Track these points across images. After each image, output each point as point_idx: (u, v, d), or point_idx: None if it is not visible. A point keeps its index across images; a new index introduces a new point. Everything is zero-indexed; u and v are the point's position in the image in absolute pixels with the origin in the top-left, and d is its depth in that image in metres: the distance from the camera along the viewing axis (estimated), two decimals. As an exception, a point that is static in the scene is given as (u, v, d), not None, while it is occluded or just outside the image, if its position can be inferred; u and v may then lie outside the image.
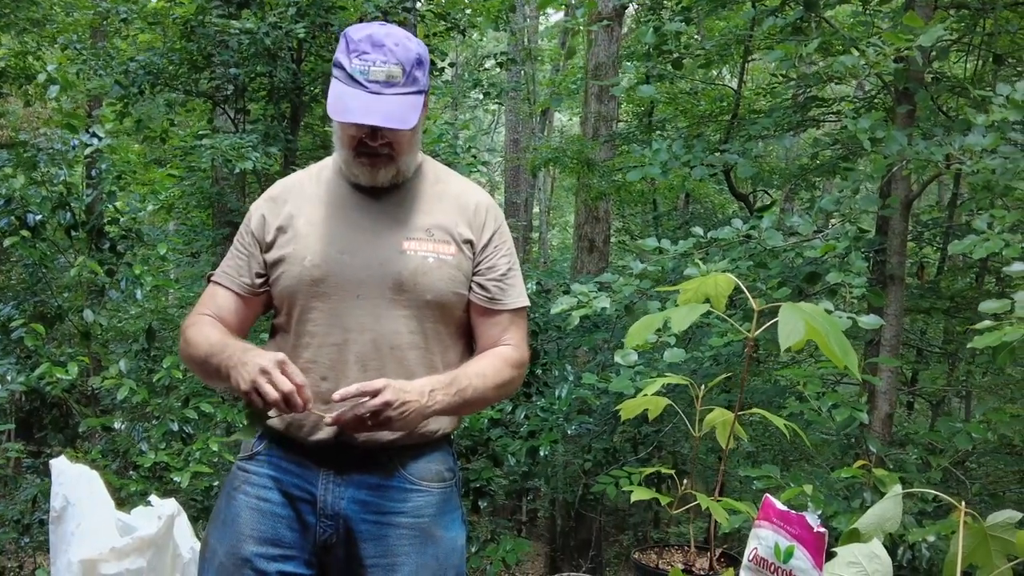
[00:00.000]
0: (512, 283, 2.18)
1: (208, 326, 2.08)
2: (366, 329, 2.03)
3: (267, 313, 2.24)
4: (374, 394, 1.87)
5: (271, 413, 1.93)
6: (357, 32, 2.01)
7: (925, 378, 8.37)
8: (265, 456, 2.09)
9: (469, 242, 2.13)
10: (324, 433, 2.01)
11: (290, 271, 2.05)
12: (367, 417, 1.87)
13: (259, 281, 2.12)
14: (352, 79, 1.97)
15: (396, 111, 1.96)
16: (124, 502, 4.55)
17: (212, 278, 2.17)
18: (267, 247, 2.10)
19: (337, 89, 1.98)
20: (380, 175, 2.07)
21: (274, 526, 2.04)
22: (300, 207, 2.10)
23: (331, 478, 2.04)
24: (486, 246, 2.15)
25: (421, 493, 2.09)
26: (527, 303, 2.24)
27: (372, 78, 1.96)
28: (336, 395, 1.87)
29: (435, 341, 2.10)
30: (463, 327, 2.17)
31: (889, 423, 4.53)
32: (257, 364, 1.86)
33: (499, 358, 2.13)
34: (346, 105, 1.95)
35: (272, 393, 1.82)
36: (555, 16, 17.37)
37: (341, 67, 1.99)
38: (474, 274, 2.14)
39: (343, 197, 2.11)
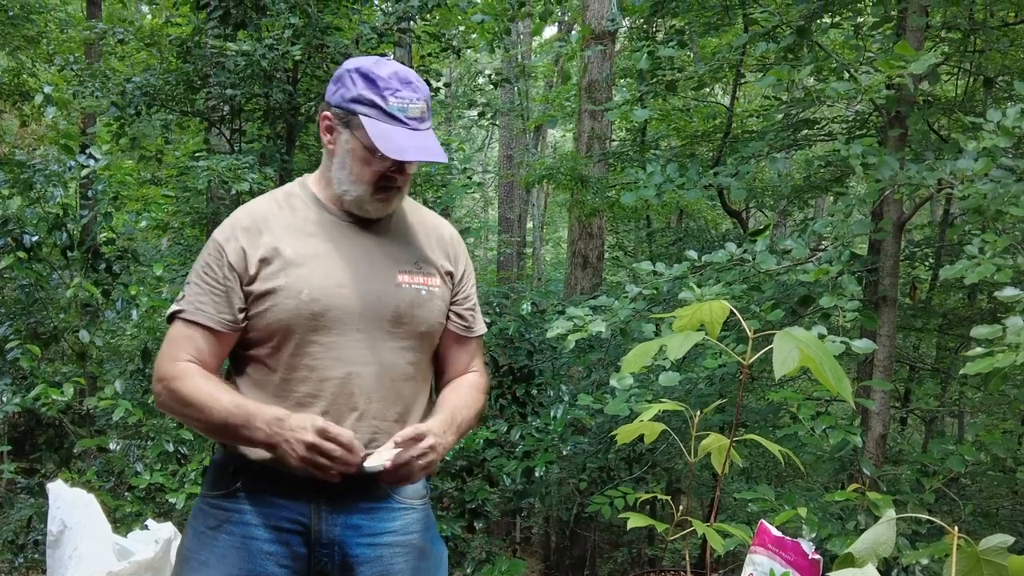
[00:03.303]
0: (478, 311, 2.29)
1: (202, 379, 1.99)
2: (368, 362, 2.03)
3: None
4: (420, 437, 1.93)
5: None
6: (382, 69, 2.01)
7: (918, 394, 8.40)
8: (245, 492, 2.03)
9: (450, 274, 2.19)
10: None
11: (284, 304, 1.99)
12: (416, 459, 1.92)
13: (241, 316, 2.03)
14: (392, 117, 1.97)
15: (434, 146, 2.01)
16: (119, 523, 4.55)
17: (182, 316, 2.03)
18: (250, 280, 2.02)
19: (378, 128, 1.97)
20: (390, 207, 2.10)
21: (263, 564, 2.00)
22: (280, 237, 2.05)
23: (323, 506, 2.02)
24: (462, 277, 2.22)
25: (408, 511, 2.11)
26: (485, 329, 2.35)
27: (411, 115, 1.98)
28: (398, 437, 1.92)
29: (422, 371, 2.15)
30: (434, 355, 2.22)
31: (883, 443, 4.54)
32: (302, 441, 1.86)
33: (475, 388, 2.22)
34: (399, 144, 1.96)
35: (330, 468, 1.87)
36: (549, 31, 17.46)
37: (374, 105, 1.98)
38: (452, 304, 2.20)
39: (328, 228, 2.09)
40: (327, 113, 2.07)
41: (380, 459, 1.90)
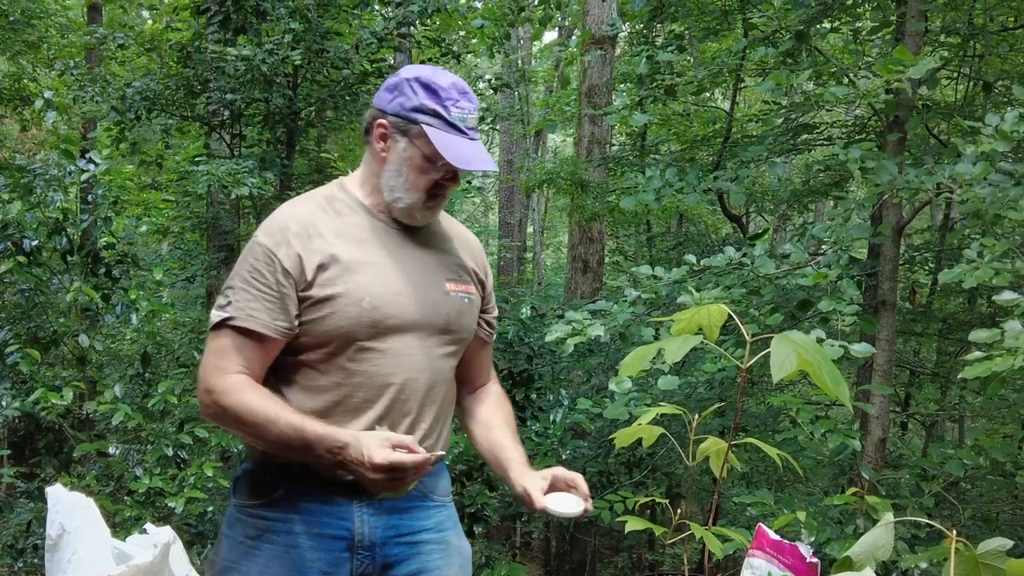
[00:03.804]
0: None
1: (255, 395, 1.97)
2: (423, 369, 2.06)
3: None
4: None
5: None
6: (441, 79, 2.04)
7: (919, 399, 8.39)
8: (287, 500, 2.03)
9: (482, 283, 2.24)
10: None
11: (346, 312, 1.98)
12: None
13: (296, 323, 1.99)
14: (453, 126, 2.01)
15: (487, 155, 2.06)
16: (118, 527, 4.54)
17: (232, 324, 1.98)
18: (307, 285, 1.99)
19: (441, 137, 1.99)
20: (435, 216, 2.15)
21: (306, 572, 2.01)
22: (332, 243, 2.03)
23: (365, 510, 2.03)
24: (490, 287, 2.28)
25: (440, 508, 2.15)
26: None
27: (469, 125, 2.03)
28: (583, 487, 2.01)
29: (453, 376, 2.20)
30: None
31: (882, 448, 4.54)
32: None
33: (508, 402, 2.33)
34: (463, 153, 1.99)
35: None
36: (549, 36, 17.49)
37: (436, 114, 2.00)
38: (482, 312, 2.25)
39: (379, 234, 2.09)
40: (383, 121, 2.06)
41: (572, 507, 1.96)
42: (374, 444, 1.87)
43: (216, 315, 2.00)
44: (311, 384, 2.03)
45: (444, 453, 2.05)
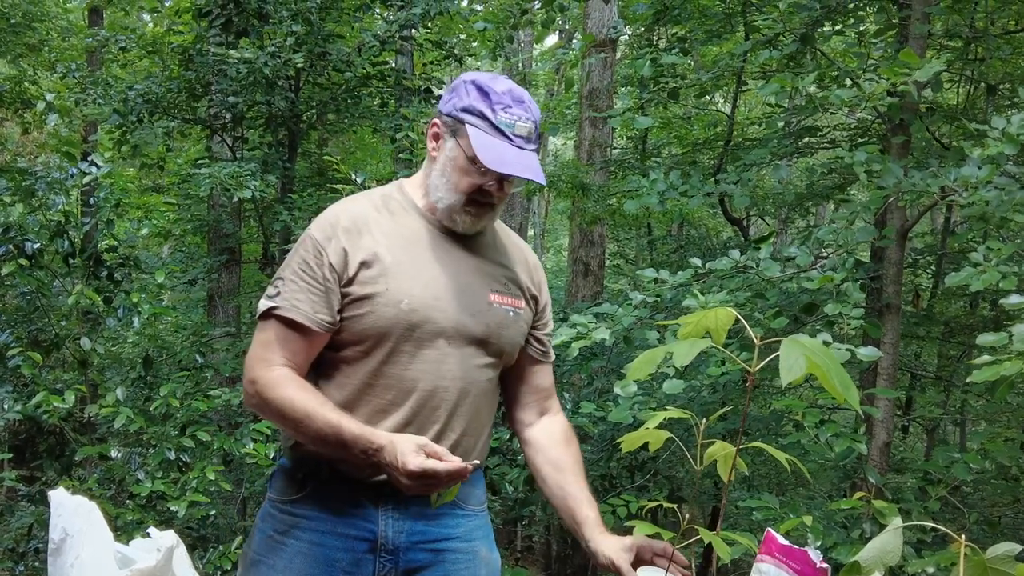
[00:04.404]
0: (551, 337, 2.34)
1: (297, 390, 1.98)
2: (456, 378, 2.04)
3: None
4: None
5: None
6: (497, 84, 2.03)
7: (920, 403, 8.38)
8: (314, 498, 2.05)
9: (535, 298, 2.22)
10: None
11: (384, 312, 1.99)
12: None
13: (339, 318, 2.01)
14: (498, 130, 1.99)
15: (535, 166, 2.01)
16: (120, 531, 4.53)
17: (278, 313, 2.00)
18: (348, 281, 2.00)
19: (483, 139, 1.98)
20: (479, 224, 2.10)
21: (330, 571, 2.02)
22: (379, 242, 2.03)
23: (390, 513, 2.03)
24: (545, 304, 2.26)
25: (470, 517, 2.13)
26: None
27: (517, 132, 2.00)
28: (669, 554, 1.98)
29: (495, 389, 2.19)
30: (511, 377, 2.26)
31: (887, 451, 4.53)
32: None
33: (576, 441, 2.29)
34: (501, 156, 1.96)
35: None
36: (550, 39, 17.49)
37: (482, 116, 1.99)
38: (533, 328, 2.22)
39: (426, 237, 2.09)
40: (436, 120, 2.08)
41: None
42: (408, 450, 1.85)
43: (264, 304, 2.03)
44: (343, 380, 2.04)
45: (480, 463, 2.03)
